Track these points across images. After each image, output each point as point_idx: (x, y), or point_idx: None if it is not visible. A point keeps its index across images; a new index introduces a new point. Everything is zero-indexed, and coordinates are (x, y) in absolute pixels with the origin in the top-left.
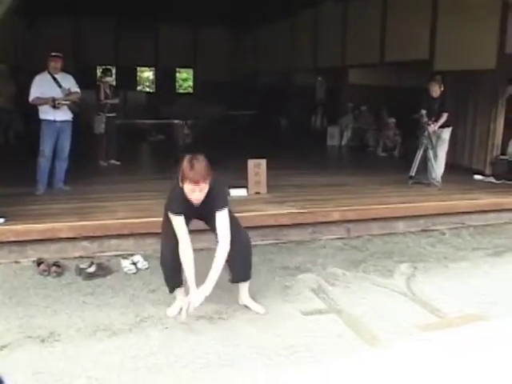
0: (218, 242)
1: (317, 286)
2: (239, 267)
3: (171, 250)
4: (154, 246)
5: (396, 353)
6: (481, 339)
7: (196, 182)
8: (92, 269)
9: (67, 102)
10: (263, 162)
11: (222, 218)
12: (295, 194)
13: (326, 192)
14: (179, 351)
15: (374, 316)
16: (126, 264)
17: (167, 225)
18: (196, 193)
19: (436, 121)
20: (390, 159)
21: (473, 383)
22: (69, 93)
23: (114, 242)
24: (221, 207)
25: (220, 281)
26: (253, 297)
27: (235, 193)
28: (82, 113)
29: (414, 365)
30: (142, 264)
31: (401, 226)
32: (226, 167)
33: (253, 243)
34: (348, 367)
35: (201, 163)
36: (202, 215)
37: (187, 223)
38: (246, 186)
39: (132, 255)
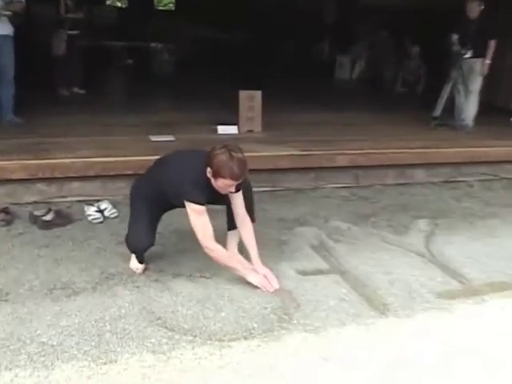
0: (238, 221)
1: (318, 242)
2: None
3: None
4: (125, 190)
5: (410, 323)
6: (511, 311)
7: (238, 179)
8: (49, 216)
9: (8, 13)
10: (258, 94)
11: (240, 198)
12: (296, 134)
13: (333, 132)
14: (152, 315)
15: (385, 279)
16: (90, 211)
17: (142, 207)
18: (232, 188)
19: (473, 48)
20: (411, 96)
21: (501, 362)
22: (10, 1)
23: (76, 184)
24: (239, 189)
25: None
26: (242, 252)
27: (224, 130)
28: (37, 30)
29: (431, 337)
30: (110, 212)
31: (420, 175)
32: (215, 100)
33: None
34: (352, 338)
35: (243, 158)
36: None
37: None
38: (236, 123)
39: (98, 201)
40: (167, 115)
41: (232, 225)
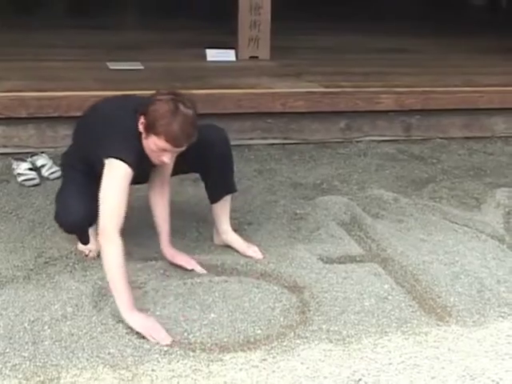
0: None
1: (349, 218)
2: (218, 177)
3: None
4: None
5: (481, 334)
6: None
7: (176, 145)
8: None
9: None
10: (267, 2)
11: (170, 168)
12: (319, 63)
13: (375, 62)
14: (111, 315)
15: (445, 271)
16: (21, 169)
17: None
18: (166, 156)
19: None
20: (492, 11)
21: None
22: None
23: None
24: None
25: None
26: (239, 231)
27: (215, 56)
28: None
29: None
30: (50, 170)
31: (500, 125)
32: (202, 13)
33: (245, 142)
34: (396, 353)
35: (192, 117)
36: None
37: None
38: (234, 47)
39: (32, 155)
40: (133, 34)
41: (216, 195)
